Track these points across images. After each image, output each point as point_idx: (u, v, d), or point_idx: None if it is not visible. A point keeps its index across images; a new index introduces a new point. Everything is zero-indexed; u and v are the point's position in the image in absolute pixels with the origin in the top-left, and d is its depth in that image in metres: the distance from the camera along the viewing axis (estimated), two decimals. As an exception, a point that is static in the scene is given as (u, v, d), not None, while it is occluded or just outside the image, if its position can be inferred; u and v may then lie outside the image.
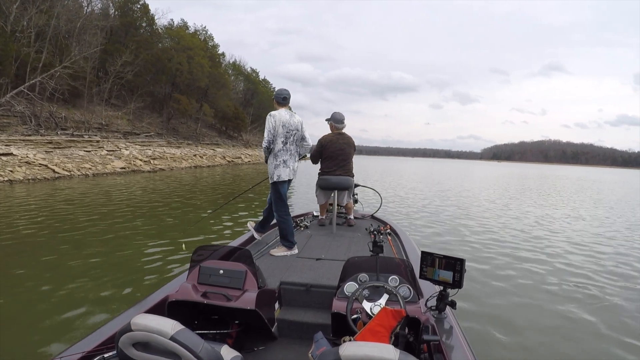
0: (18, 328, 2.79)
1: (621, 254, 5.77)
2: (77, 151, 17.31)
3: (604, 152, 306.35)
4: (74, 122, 20.09)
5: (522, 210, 10.43)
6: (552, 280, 4.32)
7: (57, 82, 18.43)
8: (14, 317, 2.96)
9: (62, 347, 1.66)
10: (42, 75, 17.79)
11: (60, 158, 15.46)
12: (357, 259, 2.04)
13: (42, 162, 14.11)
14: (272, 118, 3.02)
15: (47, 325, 2.84)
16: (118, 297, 3.44)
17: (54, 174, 13.64)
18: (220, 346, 1.48)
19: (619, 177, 48.77)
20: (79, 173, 14.79)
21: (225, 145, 37.48)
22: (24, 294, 3.39)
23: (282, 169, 3.06)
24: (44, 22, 18.46)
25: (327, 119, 4.12)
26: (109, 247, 5.01)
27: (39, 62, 18.13)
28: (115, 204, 8.54)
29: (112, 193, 10.60)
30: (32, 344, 2.56)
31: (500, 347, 2.76)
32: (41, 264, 4.21)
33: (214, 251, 2.14)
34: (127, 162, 18.74)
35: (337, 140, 3.94)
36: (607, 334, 3.05)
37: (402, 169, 41.10)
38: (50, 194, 9.92)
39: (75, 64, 19.27)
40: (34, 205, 8.05)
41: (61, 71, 18.40)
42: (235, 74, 47.91)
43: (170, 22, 34.51)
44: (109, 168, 16.94)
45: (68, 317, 2.97)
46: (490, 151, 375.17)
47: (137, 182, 13.74)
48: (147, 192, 11.01)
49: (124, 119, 25.24)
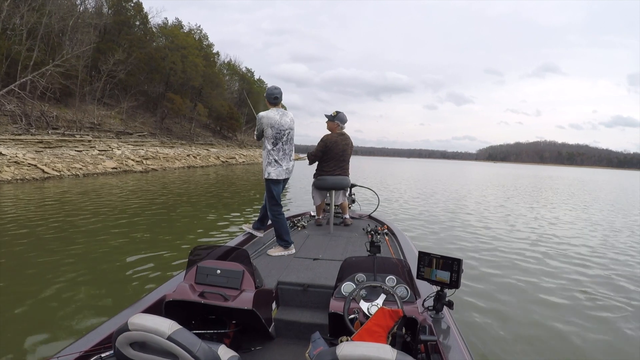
0: (15, 328, 2.76)
1: (621, 254, 5.82)
2: (68, 151, 17.01)
3: (599, 153, 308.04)
4: (66, 121, 19.79)
5: (522, 210, 10.50)
6: (550, 280, 4.35)
7: (49, 81, 18.17)
8: (12, 317, 2.94)
9: (59, 347, 1.64)
10: (33, 73, 17.51)
11: (50, 158, 15.15)
12: (355, 259, 2.04)
13: (31, 162, 13.81)
14: (259, 120, 3.01)
15: (44, 325, 2.81)
16: (114, 297, 3.41)
17: (43, 174, 13.37)
18: (217, 346, 1.47)
19: (616, 177, 48.24)
20: (69, 173, 14.51)
21: (219, 145, 37.28)
22: (20, 295, 3.36)
23: (272, 168, 3.05)
24: (36, 19, 18.18)
25: (326, 115, 4.06)
26: (95, 247, 4.95)
27: (31, 60, 17.85)
28: (101, 206, 8.44)
29: (94, 194, 10.47)
30: (31, 344, 2.54)
31: (497, 347, 2.78)
32: (34, 266, 4.15)
33: (211, 251, 2.13)
34: (119, 162, 18.47)
35: (340, 142, 3.93)
36: (605, 334, 3.07)
37: (401, 169, 41.13)
38: (39, 194, 9.77)
39: (66, 62, 18.99)
40: (22, 205, 7.92)
41: (52, 69, 18.13)
42: (230, 73, 47.71)
43: (165, 21, 34.31)
44: (100, 168, 16.65)
45: (64, 318, 2.95)
46: (486, 152, 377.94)
47: (119, 184, 13.57)
48: (127, 194, 10.88)
49: (117, 118, 24.95)
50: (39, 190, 10.50)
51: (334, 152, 3.88)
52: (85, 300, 3.30)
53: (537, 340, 2.93)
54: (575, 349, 2.82)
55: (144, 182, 13.90)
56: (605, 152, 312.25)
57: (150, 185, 13.11)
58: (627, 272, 4.82)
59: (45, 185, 11.78)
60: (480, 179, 28.12)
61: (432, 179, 24.60)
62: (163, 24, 33.69)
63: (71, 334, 2.69)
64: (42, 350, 2.45)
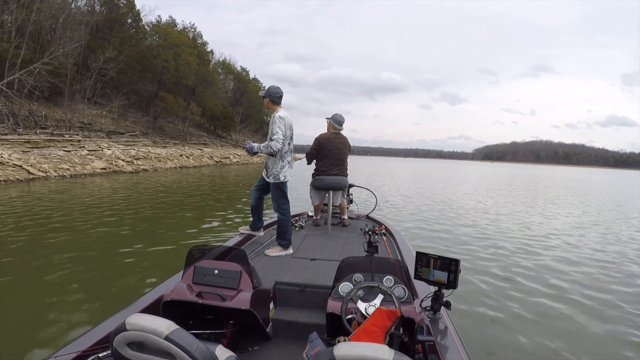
0: (12, 328, 2.74)
1: (618, 253, 5.89)
2: (56, 151, 16.57)
3: (595, 153, 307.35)
4: (55, 120, 19.37)
5: (521, 211, 10.56)
6: (548, 280, 4.38)
7: (37, 79, 17.75)
8: (11, 317, 2.92)
9: (56, 347, 1.62)
10: (21, 71, 17.11)
11: (37, 158, 14.71)
12: (352, 259, 2.04)
13: (17, 162, 13.37)
14: (282, 121, 3.01)
15: (41, 326, 2.80)
16: (112, 298, 3.40)
17: (28, 175, 12.96)
18: (214, 346, 1.47)
19: (620, 178, 46.52)
20: (55, 174, 14.08)
21: (213, 145, 36.99)
22: (18, 295, 3.34)
23: (287, 170, 3.12)
24: (24, 17, 17.78)
25: (327, 118, 4.16)
26: (92, 248, 4.88)
27: (19, 58, 17.46)
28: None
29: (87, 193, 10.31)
30: (29, 345, 2.52)
31: (495, 348, 2.79)
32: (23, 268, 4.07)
33: (208, 251, 2.13)
34: (109, 163, 18.10)
35: (334, 139, 3.97)
36: (604, 333, 3.09)
37: (399, 169, 41.12)
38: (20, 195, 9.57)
39: (54, 60, 18.55)
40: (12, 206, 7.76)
41: (41, 67, 17.74)
42: (225, 72, 47.41)
43: (158, 19, 33.92)
44: (89, 169, 16.25)
45: (62, 318, 2.93)
46: (482, 151, 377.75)
47: (106, 185, 13.37)
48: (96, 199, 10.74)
49: (108, 117, 24.56)
50: (20, 191, 10.27)
51: (327, 149, 3.92)
52: (82, 301, 3.28)
53: (535, 340, 2.94)
54: (574, 349, 2.84)
55: (120, 185, 13.70)
56: (601, 151, 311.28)
57: (140, 186, 12.94)
58: (627, 273, 4.84)
59: (30, 186, 11.44)
60: (480, 179, 28.24)
61: (432, 179, 24.65)
62: (156, 22, 33.35)
63: (68, 334, 2.67)
64: (39, 350, 2.44)
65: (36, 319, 2.89)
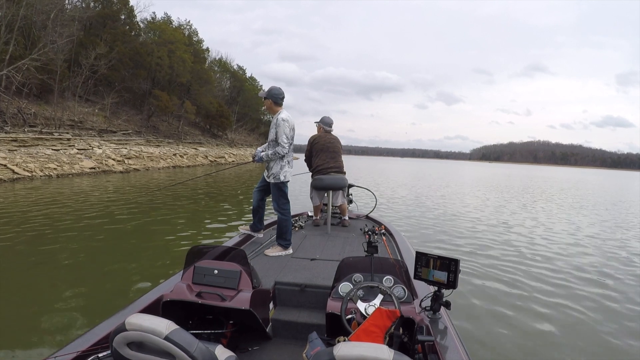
0: (10, 329, 2.71)
1: (627, 260, 5.82)
2: (44, 150, 16.14)
3: (593, 153, 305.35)
4: (45, 118, 18.95)
5: (520, 211, 10.61)
6: (548, 280, 4.40)
7: (26, 76, 17.36)
8: (9, 317, 2.89)
9: (56, 347, 1.61)
10: (8, 67, 16.71)
11: (23, 157, 14.22)
12: (352, 259, 2.04)
13: (1, 161, 12.97)
14: (286, 123, 3.00)
15: (39, 326, 2.77)
16: (111, 298, 3.37)
17: (13, 174, 12.54)
18: (214, 346, 1.47)
19: (621, 181, 43.42)
20: (41, 174, 13.62)
21: (208, 144, 36.70)
22: (16, 296, 3.30)
23: (287, 169, 3.13)
24: (13, 12, 17.40)
25: (316, 122, 4.27)
26: (90, 247, 4.81)
27: (7, 54, 17.06)
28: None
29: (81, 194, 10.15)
30: (28, 345, 2.51)
31: (494, 348, 2.80)
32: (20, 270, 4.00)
33: (208, 251, 2.12)
34: (98, 162, 17.70)
35: (325, 136, 4.10)
36: (604, 333, 3.11)
37: (397, 170, 41.13)
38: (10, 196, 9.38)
39: (43, 56, 18.06)
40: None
41: (29, 64, 17.30)
42: (222, 71, 47.06)
43: (153, 16, 33.55)
44: (77, 168, 15.80)
45: (62, 318, 2.91)
46: (480, 152, 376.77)
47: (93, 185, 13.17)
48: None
49: (100, 115, 24.15)
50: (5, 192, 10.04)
51: (320, 144, 4.03)
52: (82, 301, 3.25)
53: (534, 340, 2.95)
54: (574, 349, 2.86)
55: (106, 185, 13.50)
56: (599, 152, 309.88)
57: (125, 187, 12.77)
58: (628, 272, 4.87)
59: (15, 187, 11.00)
60: (480, 179, 28.36)
61: (432, 179, 24.66)
62: (151, 19, 32.98)
63: (68, 334, 2.65)
64: (39, 350, 2.42)
65: (36, 319, 2.86)
